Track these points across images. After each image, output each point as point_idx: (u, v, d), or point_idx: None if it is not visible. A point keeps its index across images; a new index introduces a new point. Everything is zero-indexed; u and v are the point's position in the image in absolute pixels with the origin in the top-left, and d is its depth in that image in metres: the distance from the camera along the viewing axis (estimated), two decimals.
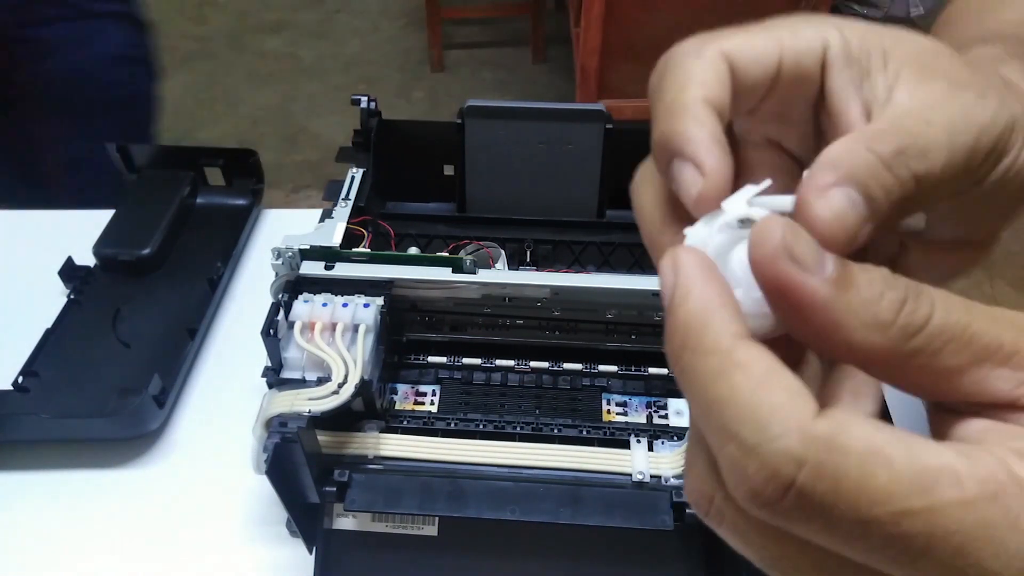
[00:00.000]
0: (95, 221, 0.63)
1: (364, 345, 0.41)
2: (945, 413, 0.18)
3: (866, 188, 0.18)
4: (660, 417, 0.47)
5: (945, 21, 0.34)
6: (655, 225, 0.22)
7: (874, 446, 0.15)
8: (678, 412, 0.47)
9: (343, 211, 0.49)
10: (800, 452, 0.15)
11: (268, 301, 0.44)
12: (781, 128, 0.23)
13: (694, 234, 0.20)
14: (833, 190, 0.18)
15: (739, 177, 0.20)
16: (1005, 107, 0.20)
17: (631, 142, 0.55)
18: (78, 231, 0.63)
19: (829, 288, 0.16)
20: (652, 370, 0.48)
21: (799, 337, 0.18)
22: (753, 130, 0.23)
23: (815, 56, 0.20)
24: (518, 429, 0.46)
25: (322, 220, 0.49)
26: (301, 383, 0.41)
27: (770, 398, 0.16)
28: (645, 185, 0.22)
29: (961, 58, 0.21)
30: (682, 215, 0.20)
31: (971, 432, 0.17)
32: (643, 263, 0.55)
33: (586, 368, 0.48)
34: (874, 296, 0.16)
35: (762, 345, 0.17)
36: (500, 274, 0.45)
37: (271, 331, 0.41)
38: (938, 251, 0.24)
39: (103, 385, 0.53)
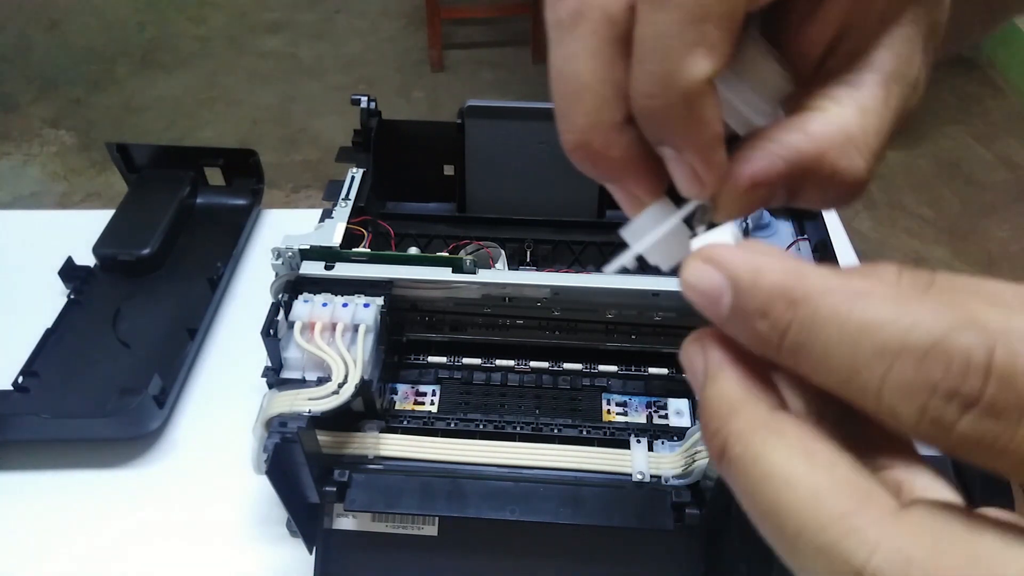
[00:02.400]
0: (95, 221, 0.63)
1: (364, 345, 0.41)
2: None
3: None
4: (660, 417, 0.47)
5: None
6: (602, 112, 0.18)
7: None
8: (678, 412, 0.47)
9: (343, 211, 0.49)
10: None
11: (268, 301, 0.44)
12: None
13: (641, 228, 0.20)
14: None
15: None
16: None
17: None
18: (78, 231, 0.63)
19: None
20: (652, 370, 0.48)
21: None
22: None
23: None
24: (518, 429, 0.46)
25: (322, 220, 0.49)
26: (301, 383, 0.41)
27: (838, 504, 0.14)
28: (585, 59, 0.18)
29: None
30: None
31: None
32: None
33: (586, 368, 0.48)
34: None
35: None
36: (500, 274, 0.45)
37: (271, 331, 0.41)
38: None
39: (103, 385, 0.53)
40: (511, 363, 0.49)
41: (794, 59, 0.19)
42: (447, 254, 0.52)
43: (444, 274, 0.44)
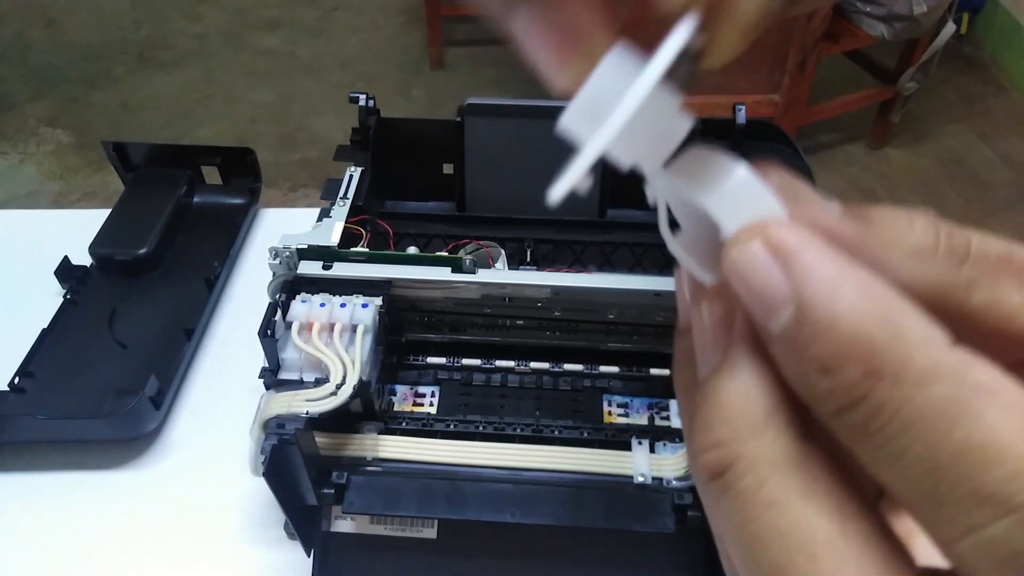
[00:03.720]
0: (91, 220, 0.62)
1: (362, 346, 0.41)
2: None
3: None
4: (662, 419, 0.46)
5: None
6: None
7: None
8: (680, 413, 0.47)
9: (341, 210, 0.49)
10: None
11: (265, 301, 0.43)
12: None
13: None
14: None
15: None
16: None
17: None
18: (74, 230, 0.62)
19: (856, 225, 0.13)
20: (654, 371, 0.48)
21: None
22: None
23: None
24: (518, 431, 0.45)
25: (320, 219, 0.48)
26: (299, 384, 0.41)
27: None
28: None
29: None
30: None
31: None
32: (644, 263, 0.55)
33: (587, 369, 0.48)
34: (904, 224, 0.13)
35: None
36: (500, 274, 0.45)
37: (268, 331, 0.41)
38: None
39: (99, 386, 0.53)
40: (511, 364, 0.48)
41: None
42: (446, 254, 0.52)
43: (443, 274, 0.44)
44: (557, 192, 0.15)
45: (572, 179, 0.15)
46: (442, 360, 0.48)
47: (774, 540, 0.12)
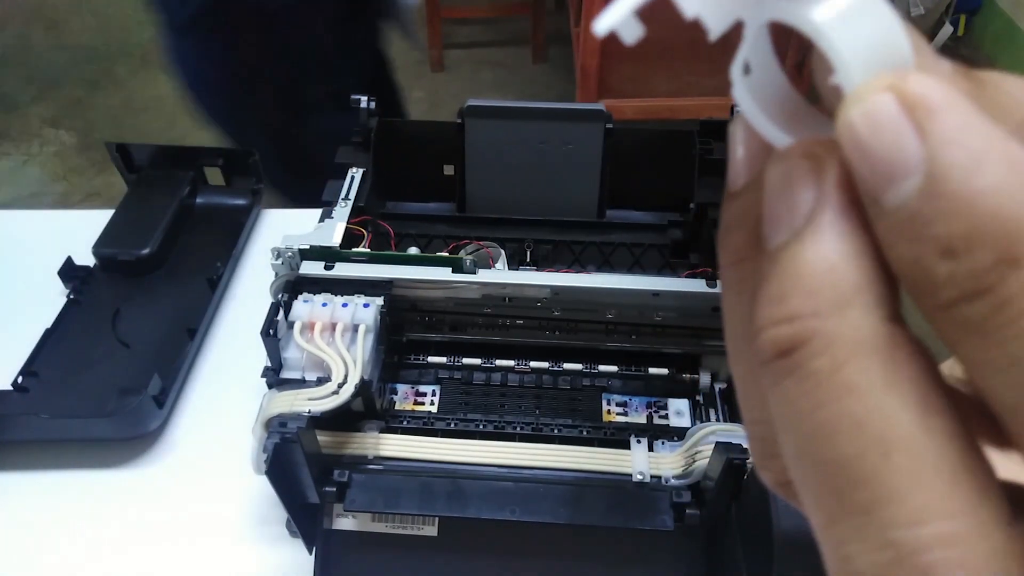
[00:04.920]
0: (95, 221, 0.63)
1: (364, 345, 0.41)
2: None
3: None
4: (660, 417, 0.47)
5: None
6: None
7: None
8: (678, 412, 0.47)
9: (343, 211, 0.49)
10: None
11: (268, 301, 0.44)
12: None
13: None
14: None
15: None
16: None
17: (631, 142, 0.55)
18: (78, 231, 0.62)
19: (968, 86, 0.11)
20: (652, 370, 0.48)
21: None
22: None
23: None
24: (518, 429, 0.46)
25: (322, 220, 0.49)
26: (301, 383, 0.41)
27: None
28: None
29: None
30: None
31: None
32: (643, 263, 0.55)
33: (586, 368, 0.48)
34: (1020, 93, 0.11)
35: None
36: (500, 274, 0.45)
37: (271, 331, 0.41)
38: None
39: (102, 385, 0.53)
40: (511, 363, 0.48)
41: None
42: (447, 254, 0.52)
43: (444, 274, 0.44)
44: (602, 25, 0.12)
45: (625, 9, 0.12)
46: (443, 359, 0.49)
47: (846, 430, 0.10)
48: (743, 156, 0.13)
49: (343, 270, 0.44)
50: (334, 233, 0.47)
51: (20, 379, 0.53)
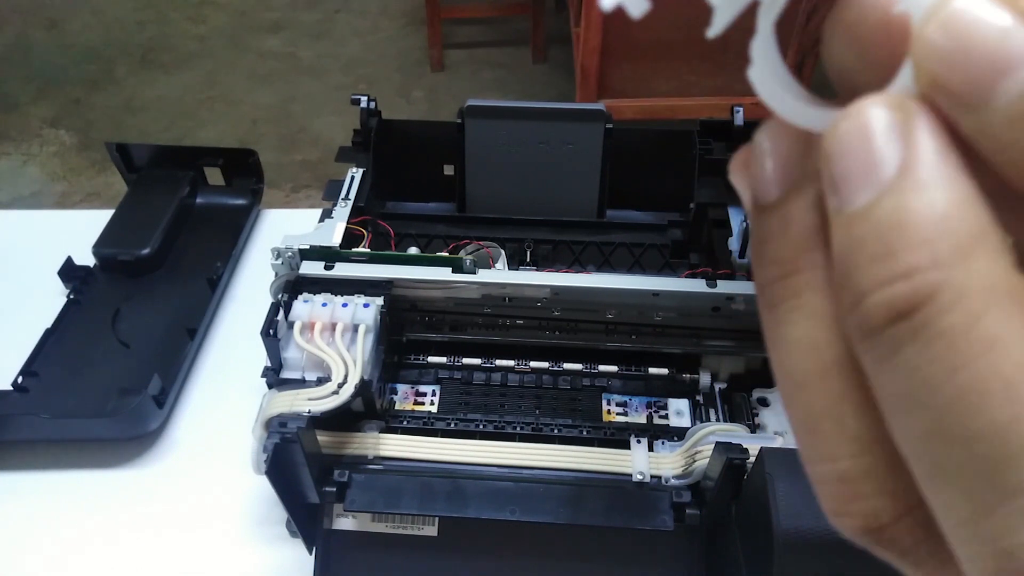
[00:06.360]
0: (95, 221, 0.63)
1: (364, 345, 0.41)
2: None
3: None
4: (660, 417, 0.47)
5: None
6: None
7: None
8: (678, 412, 0.47)
9: (343, 211, 0.49)
10: None
11: (268, 301, 0.44)
12: None
13: None
14: None
15: None
16: None
17: (631, 142, 0.55)
18: (78, 231, 0.62)
19: None
20: (652, 370, 0.48)
21: None
22: None
23: None
24: (518, 429, 0.46)
25: (322, 220, 0.49)
26: (301, 383, 0.41)
27: None
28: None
29: None
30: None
31: None
32: (643, 263, 0.55)
33: (586, 368, 0.48)
34: None
35: None
36: (500, 274, 0.45)
37: (271, 331, 0.41)
38: None
39: (102, 385, 0.53)
40: (511, 363, 0.48)
41: None
42: (447, 254, 0.52)
43: (444, 274, 0.44)
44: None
45: None
46: (443, 359, 0.49)
47: (996, 391, 0.09)
48: (774, 165, 0.12)
49: (343, 270, 0.44)
50: (334, 233, 0.47)
51: (20, 379, 0.53)
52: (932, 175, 0.10)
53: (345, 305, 0.42)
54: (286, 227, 0.47)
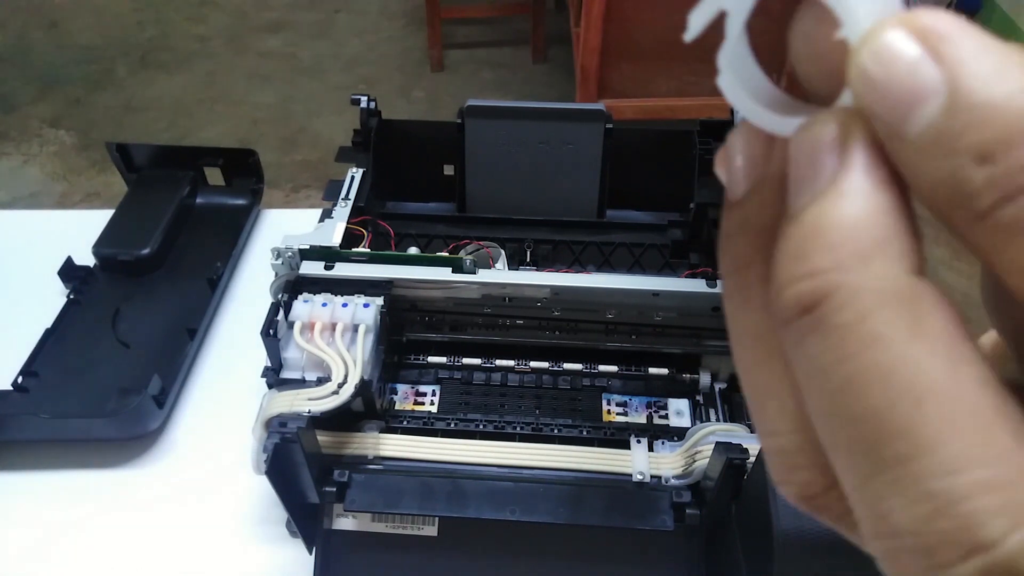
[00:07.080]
0: (95, 221, 0.63)
1: (364, 345, 0.41)
2: None
3: None
4: (660, 417, 0.47)
5: None
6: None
7: None
8: (678, 412, 0.47)
9: (343, 211, 0.49)
10: None
11: (268, 301, 0.44)
12: None
13: None
14: None
15: None
16: None
17: (631, 142, 0.55)
18: (78, 231, 0.62)
19: None
20: (652, 370, 0.48)
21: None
22: None
23: None
24: (518, 429, 0.46)
25: (322, 220, 0.49)
26: (301, 383, 0.41)
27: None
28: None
29: None
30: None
31: None
32: (643, 263, 0.55)
33: (586, 368, 0.48)
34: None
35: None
36: (500, 274, 0.45)
37: (271, 331, 0.41)
38: None
39: (102, 385, 0.53)
40: (511, 363, 0.48)
41: None
42: (447, 254, 0.52)
43: (444, 274, 0.44)
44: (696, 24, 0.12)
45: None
46: (443, 359, 0.49)
47: (874, 381, 0.10)
48: (742, 164, 0.13)
49: (343, 270, 0.44)
50: (334, 233, 0.47)
51: (20, 379, 0.53)
52: (853, 187, 0.11)
53: (345, 305, 0.42)
54: (286, 227, 0.47)
